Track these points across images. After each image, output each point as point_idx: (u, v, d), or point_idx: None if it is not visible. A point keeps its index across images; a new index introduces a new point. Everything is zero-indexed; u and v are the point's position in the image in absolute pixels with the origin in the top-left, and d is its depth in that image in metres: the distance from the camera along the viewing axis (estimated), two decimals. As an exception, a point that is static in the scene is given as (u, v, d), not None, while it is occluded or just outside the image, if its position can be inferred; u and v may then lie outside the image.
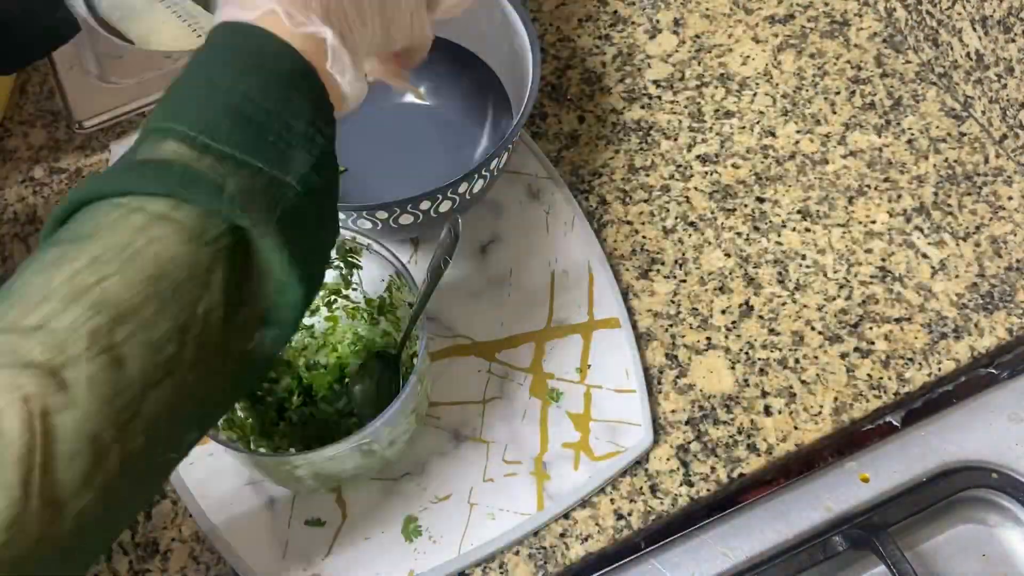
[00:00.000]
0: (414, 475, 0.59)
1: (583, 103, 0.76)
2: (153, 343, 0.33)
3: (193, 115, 0.36)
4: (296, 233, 0.37)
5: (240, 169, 0.35)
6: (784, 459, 0.61)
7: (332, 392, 0.60)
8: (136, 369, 0.32)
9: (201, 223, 0.34)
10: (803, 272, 0.67)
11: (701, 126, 0.74)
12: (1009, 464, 0.60)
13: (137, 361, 0.32)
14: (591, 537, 0.58)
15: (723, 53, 0.78)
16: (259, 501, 0.58)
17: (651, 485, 0.59)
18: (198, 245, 0.34)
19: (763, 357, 0.64)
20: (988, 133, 0.73)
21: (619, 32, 0.80)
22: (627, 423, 0.60)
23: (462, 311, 0.65)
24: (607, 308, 0.64)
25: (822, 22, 0.79)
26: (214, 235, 0.35)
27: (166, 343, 0.33)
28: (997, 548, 0.60)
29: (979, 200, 0.70)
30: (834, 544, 0.58)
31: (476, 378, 0.62)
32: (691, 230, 0.69)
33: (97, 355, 0.32)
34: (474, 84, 0.71)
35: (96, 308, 0.32)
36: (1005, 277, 0.66)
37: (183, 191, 0.34)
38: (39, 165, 0.74)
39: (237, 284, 0.36)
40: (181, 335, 0.34)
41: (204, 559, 0.58)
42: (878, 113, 0.74)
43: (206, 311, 0.34)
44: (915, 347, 0.64)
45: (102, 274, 0.33)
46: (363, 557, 0.56)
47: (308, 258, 0.38)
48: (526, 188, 0.70)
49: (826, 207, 0.70)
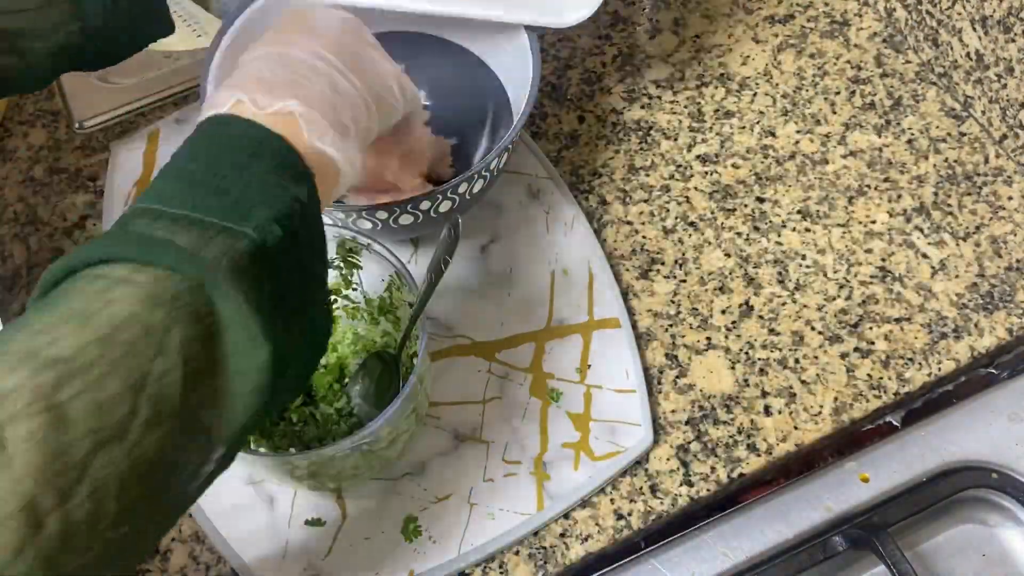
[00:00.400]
0: (414, 475, 0.59)
1: (583, 103, 0.76)
2: (101, 402, 0.31)
3: (157, 192, 0.37)
4: (256, 286, 0.36)
5: (193, 226, 0.36)
6: (784, 459, 0.61)
7: (332, 392, 0.60)
8: (81, 428, 0.31)
9: (159, 284, 0.34)
10: (803, 272, 0.67)
11: (701, 126, 0.74)
12: (1009, 464, 0.60)
13: (83, 420, 0.31)
14: (591, 537, 0.58)
15: (723, 53, 0.78)
16: (259, 501, 0.58)
17: (651, 485, 0.59)
18: (154, 305, 0.34)
19: (763, 357, 0.64)
20: (988, 133, 0.73)
21: (619, 32, 0.80)
22: (627, 423, 0.60)
23: (462, 311, 0.65)
24: (607, 308, 0.64)
25: (822, 22, 0.79)
26: (171, 294, 0.34)
27: (116, 403, 0.32)
28: (997, 548, 0.60)
29: (979, 200, 0.70)
30: (834, 544, 0.58)
31: (476, 378, 0.62)
32: (691, 230, 0.69)
33: (38, 413, 0.30)
34: (474, 84, 0.71)
35: (43, 367, 0.31)
36: (1005, 277, 0.66)
37: (133, 251, 0.34)
38: (39, 165, 0.74)
39: (200, 347, 0.34)
40: (133, 396, 0.32)
41: (204, 559, 0.58)
42: (878, 113, 0.74)
43: (162, 373, 0.33)
44: (915, 347, 0.64)
45: (55, 336, 0.32)
46: (363, 557, 0.56)
47: (275, 318, 0.36)
48: (526, 188, 0.70)
49: (826, 207, 0.70)
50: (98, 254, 0.35)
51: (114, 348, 0.32)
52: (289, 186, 0.39)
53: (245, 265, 0.35)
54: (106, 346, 0.32)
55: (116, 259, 0.35)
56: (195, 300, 0.34)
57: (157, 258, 0.34)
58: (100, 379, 0.32)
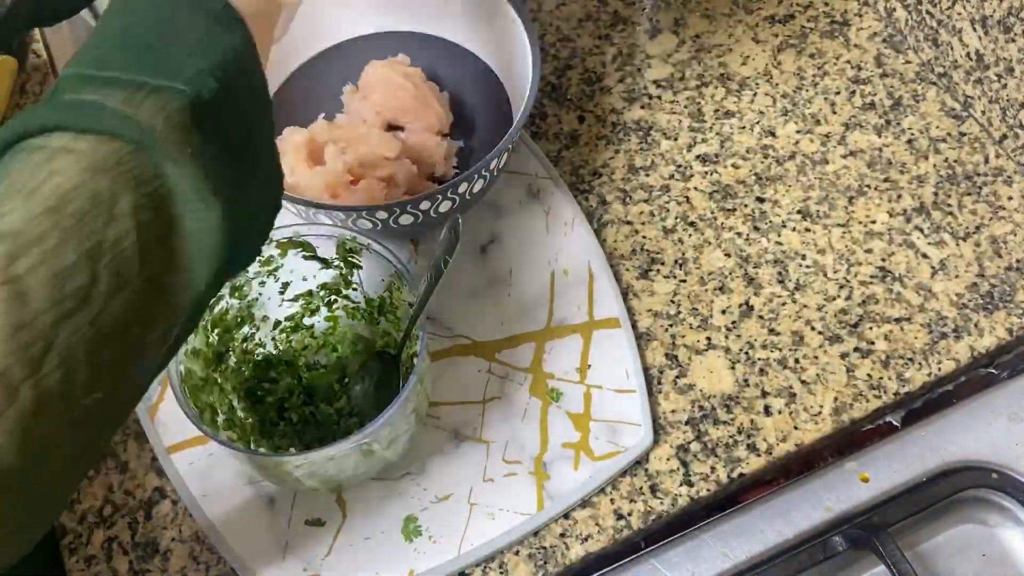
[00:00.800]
0: (414, 475, 0.59)
1: (583, 103, 0.76)
2: (58, 273, 0.32)
3: (86, 57, 0.37)
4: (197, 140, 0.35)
5: (125, 88, 0.35)
6: (784, 459, 0.61)
7: (332, 392, 0.60)
8: (42, 300, 0.31)
9: (100, 150, 0.34)
10: (803, 272, 0.67)
11: (701, 126, 0.74)
12: (1009, 464, 0.60)
13: (42, 292, 0.31)
14: (591, 537, 0.58)
15: (723, 53, 0.78)
16: (259, 501, 0.58)
17: (651, 485, 0.59)
18: (97, 171, 0.33)
19: (763, 357, 0.64)
20: (988, 133, 0.73)
21: (619, 32, 0.80)
22: (627, 423, 0.60)
23: (462, 311, 0.65)
24: (607, 308, 0.64)
25: (822, 22, 0.79)
26: (114, 160, 0.34)
27: (74, 272, 0.32)
28: (997, 548, 0.60)
29: (979, 200, 0.70)
30: (834, 544, 0.58)
31: (476, 378, 0.62)
32: (691, 230, 0.69)
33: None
34: (474, 84, 0.71)
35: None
36: (1005, 277, 0.66)
37: (68, 118, 0.34)
38: (39, 165, 0.74)
39: (152, 210, 0.34)
40: (91, 264, 0.32)
41: (204, 559, 0.58)
42: (878, 113, 0.74)
43: (116, 238, 0.33)
44: (915, 347, 0.64)
45: (2, 210, 0.32)
46: (363, 557, 0.56)
47: (224, 173, 0.36)
48: (526, 188, 0.70)
49: (826, 207, 0.70)
50: (35, 124, 0.34)
51: (64, 218, 0.32)
52: (220, 35, 0.38)
53: (184, 122, 0.35)
54: (55, 216, 0.32)
55: (52, 128, 0.34)
56: (139, 164, 0.34)
57: (93, 124, 0.34)
58: (54, 250, 0.32)
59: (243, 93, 0.39)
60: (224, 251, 0.36)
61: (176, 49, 0.36)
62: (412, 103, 0.68)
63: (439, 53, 0.71)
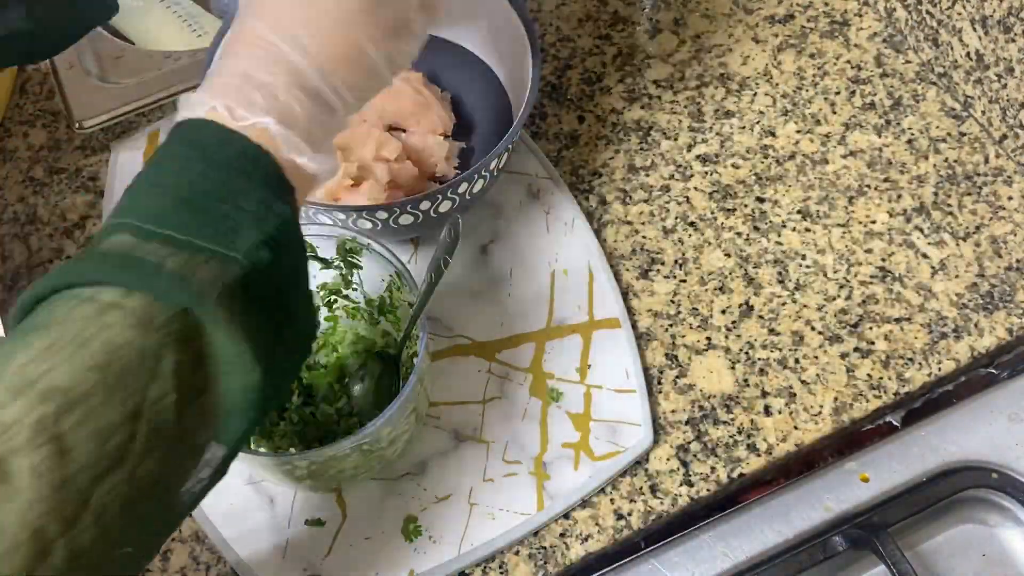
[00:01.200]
0: (414, 475, 0.59)
1: (583, 103, 0.76)
2: (101, 431, 0.32)
3: (140, 207, 0.37)
4: (246, 309, 0.36)
5: (181, 250, 0.35)
6: (784, 459, 0.61)
7: (332, 392, 0.60)
8: (83, 458, 0.31)
9: (150, 308, 0.34)
10: (803, 272, 0.67)
11: (701, 126, 0.74)
12: (1009, 464, 0.60)
13: (84, 449, 0.31)
14: (591, 537, 0.58)
15: (723, 53, 0.78)
16: (259, 501, 0.58)
17: (651, 485, 0.59)
18: (146, 330, 0.34)
19: (763, 357, 0.64)
20: (988, 133, 0.73)
21: (619, 32, 0.80)
22: (627, 423, 0.60)
23: (462, 311, 0.65)
24: (607, 308, 0.64)
25: (822, 22, 0.79)
26: (163, 319, 0.34)
27: (115, 431, 0.32)
28: (997, 548, 0.60)
29: (979, 200, 0.70)
30: (834, 544, 0.58)
31: (476, 378, 0.62)
32: (691, 230, 0.69)
33: (42, 444, 0.31)
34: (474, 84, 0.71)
35: (42, 397, 0.31)
36: (1005, 277, 0.66)
37: (123, 275, 0.34)
38: (39, 165, 0.74)
39: (191, 369, 0.35)
40: (132, 423, 0.33)
41: (204, 559, 0.58)
42: (878, 113, 0.74)
43: (157, 397, 0.33)
44: (915, 347, 0.64)
45: (51, 364, 0.32)
46: (363, 557, 0.56)
47: (265, 338, 0.37)
48: (526, 188, 0.70)
49: (826, 207, 0.70)
50: (85, 276, 0.34)
51: (110, 376, 0.33)
52: (274, 204, 0.38)
53: (235, 291, 0.35)
54: (103, 373, 0.32)
55: (105, 282, 0.34)
56: (185, 325, 0.35)
57: (148, 285, 0.34)
58: (99, 407, 0.32)
59: (289, 262, 0.39)
60: (260, 408, 0.37)
61: (233, 216, 0.37)
62: (413, 107, 0.68)
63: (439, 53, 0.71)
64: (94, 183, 0.73)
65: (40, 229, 0.71)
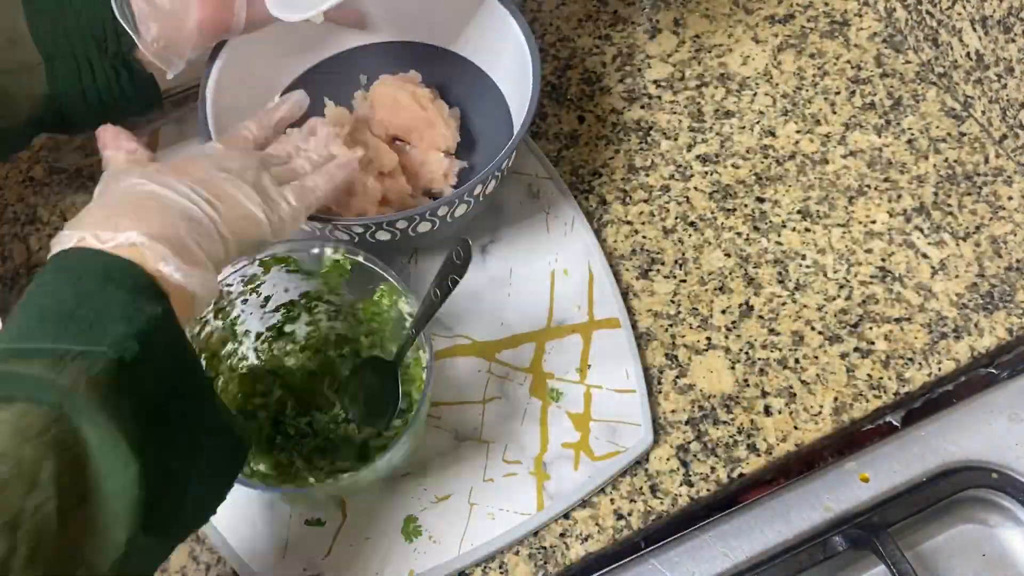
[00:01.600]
0: (414, 475, 0.59)
1: (583, 103, 0.76)
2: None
3: (12, 332, 0.38)
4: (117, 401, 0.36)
5: (48, 356, 0.36)
6: (784, 459, 0.61)
7: (325, 400, 0.60)
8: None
9: (24, 418, 0.34)
10: (803, 272, 0.67)
11: (701, 126, 0.74)
12: (1009, 464, 0.60)
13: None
14: (591, 537, 0.58)
15: (723, 53, 0.78)
16: (259, 501, 0.58)
17: (651, 485, 0.59)
18: (24, 439, 0.34)
19: (763, 357, 0.64)
20: (988, 133, 0.73)
21: (619, 32, 0.80)
22: (627, 423, 0.60)
23: (462, 311, 0.65)
24: (607, 308, 0.64)
25: (822, 22, 0.79)
26: (39, 427, 0.34)
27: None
28: (997, 548, 0.60)
29: (979, 200, 0.70)
30: (834, 544, 0.58)
31: (476, 378, 0.62)
32: (691, 230, 0.69)
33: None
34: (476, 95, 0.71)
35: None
36: (1005, 277, 0.66)
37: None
38: (39, 165, 0.74)
39: (71, 475, 0.35)
40: (11, 533, 0.32)
41: (204, 559, 0.58)
42: (878, 113, 0.74)
43: (36, 507, 0.33)
44: (915, 347, 0.64)
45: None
46: (363, 557, 0.56)
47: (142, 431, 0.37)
48: (526, 188, 0.70)
49: (826, 207, 0.70)
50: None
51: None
52: (143, 306, 0.39)
53: (105, 384, 0.36)
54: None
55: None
56: (61, 429, 0.35)
57: (15, 391, 0.35)
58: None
59: (165, 358, 0.40)
60: (140, 510, 0.37)
61: (100, 318, 0.38)
62: (418, 124, 0.67)
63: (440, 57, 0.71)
64: (94, 183, 0.73)
65: (40, 229, 0.71)
